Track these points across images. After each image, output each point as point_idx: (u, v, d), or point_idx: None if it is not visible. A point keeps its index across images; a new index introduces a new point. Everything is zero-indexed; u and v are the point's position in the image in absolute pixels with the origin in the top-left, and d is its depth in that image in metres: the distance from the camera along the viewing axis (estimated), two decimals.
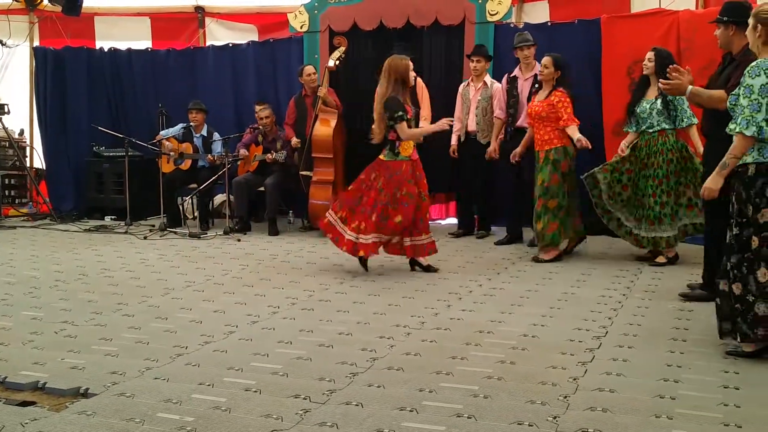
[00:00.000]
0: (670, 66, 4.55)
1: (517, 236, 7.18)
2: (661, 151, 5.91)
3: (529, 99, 6.72)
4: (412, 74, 7.45)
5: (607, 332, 4.21)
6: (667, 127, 5.91)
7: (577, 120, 6.16)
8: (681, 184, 5.97)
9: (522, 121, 6.87)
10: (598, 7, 7.72)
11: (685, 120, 5.90)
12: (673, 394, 3.23)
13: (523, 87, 6.88)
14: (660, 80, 4.68)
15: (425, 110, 7.47)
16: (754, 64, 3.72)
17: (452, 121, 6.40)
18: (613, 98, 6.93)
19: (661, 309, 4.75)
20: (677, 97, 5.72)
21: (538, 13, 8.23)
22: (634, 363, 3.68)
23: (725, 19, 4.63)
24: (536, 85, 6.70)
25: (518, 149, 6.72)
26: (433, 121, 7.37)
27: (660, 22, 7.11)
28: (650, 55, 5.96)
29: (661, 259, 6.08)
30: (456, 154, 7.43)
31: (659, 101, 5.90)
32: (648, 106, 5.97)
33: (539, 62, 6.68)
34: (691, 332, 4.22)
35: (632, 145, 6.11)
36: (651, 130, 5.96)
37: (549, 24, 7.80)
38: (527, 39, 6.90)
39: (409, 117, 5.75)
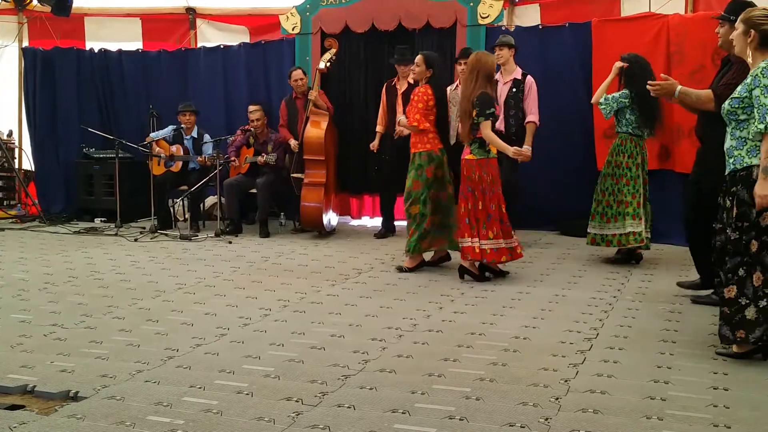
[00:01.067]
0: (662, 75, 4.64)
1: None
2: (632, 154, 6.01)
3: (506, 102, 6.74)
4: (412, 77, 7.50)
5: (597, 334, 4.23)
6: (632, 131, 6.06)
7: (426, 122, 5.80)
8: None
9: (499, 125, 6.87)
10: (589, 11, 7.77)
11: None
12: (663, 395, 3.25)
13: (502, 91, 6.85)
14: (648, 83, 4.71)
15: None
16: (764, 65, 3.63)
17: (528, 154, 6.15)
18: None
19: (652, 311, 4.77)
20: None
21: (530, 17, 8.27)
22: (625, 364, 3.69)
23: (732, 18, 4.60)
24: (513, 89, 6.73)
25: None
26: None
27: (650, 26, 7.16)
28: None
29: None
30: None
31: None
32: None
33: (521, 67, 6.75)
34: (680, 334, 4.24)
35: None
36: (635, 135, 6.10)
37: (540, 27, 7.83)
38: (503, 41, 6.83)
39: (497, 114, 5.81)
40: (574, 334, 4.23)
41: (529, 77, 6.82)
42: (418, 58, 5.97)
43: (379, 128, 7.66)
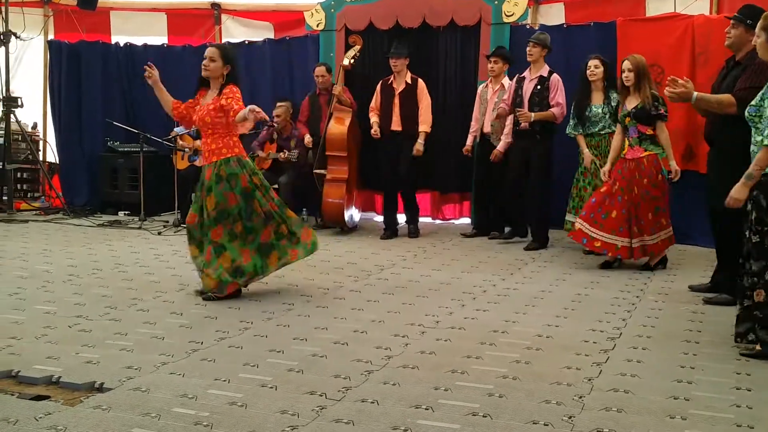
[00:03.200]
0: (670, 77, 4.69)
1: (523, 236, 7.16)
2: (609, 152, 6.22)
3: (530, 100, 6.75)
4: (410, 74, 7.50)
5: (621, 333, 4.21)
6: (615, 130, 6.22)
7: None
8: None
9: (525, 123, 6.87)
10: (614, 10, 7.73)
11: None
12: (687, 395, 3.23)
13: (528, 88, 6.84)
14: (666, 89, 4.74)
15: (425, 114, 7.46)
16: None
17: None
18: None
19: (675, 311, 4.74)
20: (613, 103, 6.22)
21: (554, 15, 8.23)
22: (648, 364, 3.68)
23: (749, 22, 4.60)
24: (538, 87, 6.72)
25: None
26: (435, 124, 7.46)
27: (675, 27, 7.11)
28: (596, 62, 6.45)
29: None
30: (470, 153, 7.43)
31: (608, 106, 6.36)
32: (600, 110, 6.42)
33: (549, 65, 6.76)
34: (704, 334, 4.22)
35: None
36: (602, 132, 6.43)
37: (564, 26, 7.80)
38: (537, 38, 6.85)
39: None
40: (598, 333, 4.22)
41: (554, 75, 6.81)
42: (213, 51, 4.96)
43: (374, 119, 7.60)
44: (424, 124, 7.44)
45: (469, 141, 7.43)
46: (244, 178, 4.89)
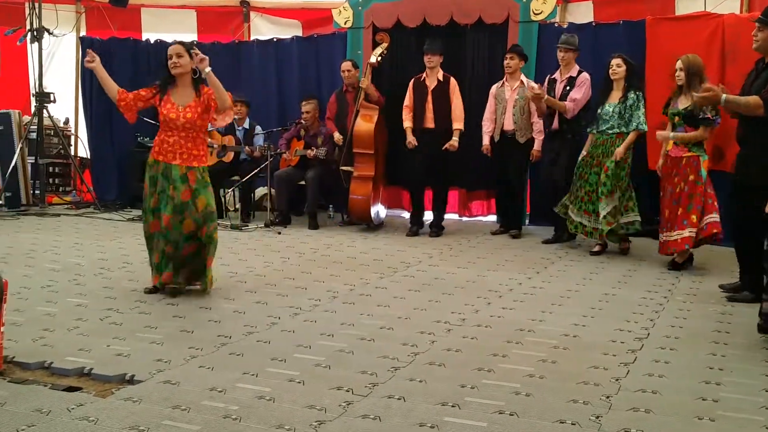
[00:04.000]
0: (704, 86, 4.75)
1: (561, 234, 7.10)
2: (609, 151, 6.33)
3: (561, 99, 6.74)
4: (441, 72, 7.49)
5: (648, 334, 4.19)
6: (624, 130, 6.32)
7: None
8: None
9: (555, 124, 6.86)
10: (643, 9, 7.66)
11: (634, 125, 6.29)
12: (715, 397, 3.21)
13: (559, 89, 6.83)
14: (693, 92, 4.74)
15: (458, 111, 7.46)
16: None
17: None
18: (657, 101, 6.80)
19: (703, 312, 4.71)
20: (635, 104, 6.26)
21: (583, 13, 8.18)
22: (676, 365, 3.66)
23: None
24: (567, 87, 6.70)
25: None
26: (467, 122, 7.44)
27: (705, 26, 7.04)
28: (618, 61, 6.37)
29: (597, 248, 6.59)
30: (490, 153, 7.39)
31: (621, 105, 6.31)
32: (611, 109, 6.36)
33: (579, 66, 6.75)
34: (732, 336, 4.18)
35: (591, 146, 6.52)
36: (610, 132, 6.38)
37: (593, 24, 7.75)
38: (568, 41, 6.81)
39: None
40: (625, 333, 4.20)
41: (584, 73, 6.78)
42: (178, 48, 4.92)
43: (408, 124, 7.57)
44: (458, 122, 7.42)
45: (486, 141, 7.37)
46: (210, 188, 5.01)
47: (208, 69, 4.73)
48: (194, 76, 4.92)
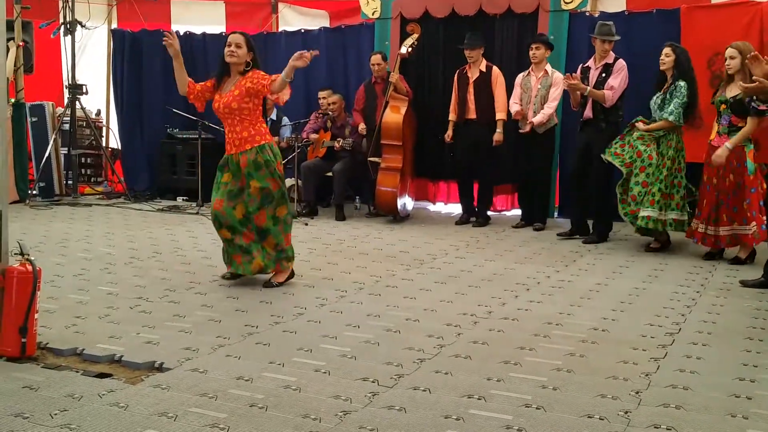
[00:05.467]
0: (750, 54, 4.53)
1: (581, 229, 6.99)
2: (659, 142, 6.17)
3: (595, 88, 6.59)
4: (485, 63, 7.45)
5: (680, 329, 4.12)
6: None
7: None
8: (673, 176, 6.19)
9: (587, 112, 6.72)
10: None
11: (666, 114, 6.07)
12: (749, 394, 3.15)
13: (593, 76, 6.69)
14: (740, 83, 4.62)
15: (500, 101, 7.43)
16: None
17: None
18: None
19: (737, 307, 4.62)
20: (674, 93, 6.03)
21: (615, 2, 8.03)
22: (709, 361, 3.59)
23: None
24: (603, 74, 6.57)
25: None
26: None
27: (742, 13, 6.91)
28: (667, 50, 6.13)
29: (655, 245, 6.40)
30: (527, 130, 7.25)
31: (664, 95, 6.13)
32: (656, 99, 6.22)
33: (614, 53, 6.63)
34: (767, 332, 4.10)
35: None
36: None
37: (626, 13, 7.62)
38: (610, 33, 6.62)
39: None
40: (656, 328, 4.13)
41: (620, 60, 6.61)
42: (239, 37, 4.92)
43: (452, 116, 7.64)
44: (501, 112, 7.40)
45: (522, 122, 7.26)
46: (279, 164, 4.92)
47: (282, 77, 4.68)
48: (246, 68, 4.89)
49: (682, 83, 6.04)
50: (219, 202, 4.86)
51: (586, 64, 6.84)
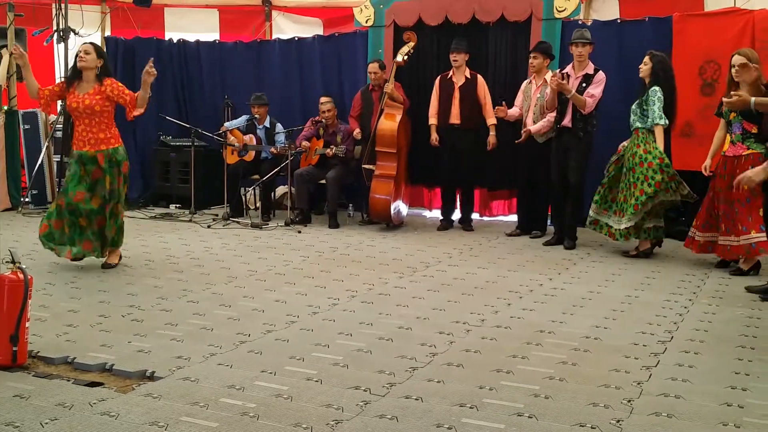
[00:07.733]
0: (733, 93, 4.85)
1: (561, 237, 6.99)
2: (634, 145, 6.25)
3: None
4: (469, 71, 7.52)
5: (672, 337, 4.13)
6: (640, 125, 6.22)
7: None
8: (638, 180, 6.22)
9: (567, 122, 6.73)
10: (670, 5, 7.55)
11: (650, 121, 6.14)
12: (741, 402, 3.15)
13: (573, 85, 6.68)
14: (723, 98, 4.67)
15: (489, 108, 7.54)
16: None
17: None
18: (684, 99, 6.71)
19: (730, 315, 4.63)
20: (649, 99, 6.10)
21: (608, 10, 8.09)
22: (701, 369, 3.60)
23: None
24: (583, 84, 6.60)
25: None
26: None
27: (734, 22, 6.93)
28: (646, 59, 6.23)
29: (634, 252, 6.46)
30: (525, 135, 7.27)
31: (637, 102, 6.25)
32: (633, 106, 6.32)
33: (603, 61, 6.63)
34: (759, 340, 4.11)
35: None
36: (632, 128, 6.33)
37: (618, 21, 7.65)
38: (584, 36, 6.71)
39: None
40: (648, 336, 4.14)
41: (600, 72, 6.66)
42: (88, 46, 5.56)
43: (433, 120, 7.75)
44: (492, 117, 7.52)
45: (530, 130, 7.27)
46: (126, 165, 5.58)
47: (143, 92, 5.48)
48: (97, 72, 5.49)
49: (656, 88, 6.11)
50: (80, 194, 5.44)
51: (565, 70, 6.84)
